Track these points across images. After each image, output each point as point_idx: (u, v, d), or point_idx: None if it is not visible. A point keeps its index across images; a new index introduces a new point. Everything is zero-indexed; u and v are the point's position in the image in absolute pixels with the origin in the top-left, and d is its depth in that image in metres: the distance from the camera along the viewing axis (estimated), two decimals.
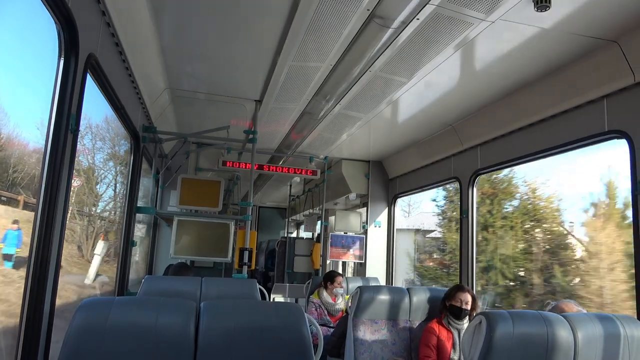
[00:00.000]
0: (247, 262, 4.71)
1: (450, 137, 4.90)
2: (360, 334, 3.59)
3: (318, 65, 3.62)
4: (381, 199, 6.86)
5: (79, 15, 2.25)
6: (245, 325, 1.95)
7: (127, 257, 4.22)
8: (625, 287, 6.36)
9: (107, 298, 1.90)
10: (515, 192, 9.76)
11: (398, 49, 3.24)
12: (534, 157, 3.89)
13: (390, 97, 4.18)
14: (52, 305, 2.27)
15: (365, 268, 6.75)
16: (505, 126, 4.10)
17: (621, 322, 2.12)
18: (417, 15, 2.74)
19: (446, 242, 13.33)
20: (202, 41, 3.50)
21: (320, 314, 5.22)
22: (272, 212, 12.58)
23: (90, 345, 1.73)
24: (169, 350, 1.81)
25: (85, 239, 5.79)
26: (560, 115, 3.55)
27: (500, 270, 9.14)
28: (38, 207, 2.17)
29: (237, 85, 4.37)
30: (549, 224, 8.87)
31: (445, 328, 3.49)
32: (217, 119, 5.17)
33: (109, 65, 2.91)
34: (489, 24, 2.82)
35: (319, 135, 5.63)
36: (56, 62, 2.26)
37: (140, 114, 4.31)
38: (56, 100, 2.22)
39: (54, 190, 2.19)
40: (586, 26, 2.81)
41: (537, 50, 3.15)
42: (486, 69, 3.51)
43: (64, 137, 2.23)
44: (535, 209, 9.12)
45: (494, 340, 1.94)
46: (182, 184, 4.81)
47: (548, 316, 2.06)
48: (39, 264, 2.13)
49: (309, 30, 3.08)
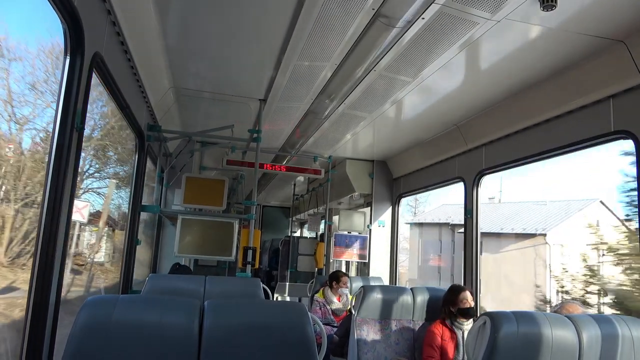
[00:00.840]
0: (250, 261, 4.72)
1: (455, 136, 4.89)
2: (363, 333, 3.59)
3: (323, 65, 3.62)
4: (385, 199, 6.86)
5: (85, 15, 2.26)
6: (249, 324, 1.95)
7: (131, 256, 4.24)
8: None
9: (111, 296, 1.91)
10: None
11: (403, 49, 3.23)
12: (539, 157, 3.87)
13: (394, 97, 4.17)
14: (57, 304, 2.28)
15: (368, 268, 6.74)
16: (511, 126, 4.08)
17: (626, 323, 2.11)
18: (422, 15, 2.73)
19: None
20: (207, 40, 3.51)
21: (324, 313, 5.22)
22: (276, 212, 12.59)
23: (94, 343, 1.74)
24: (173, 348, 1.81)
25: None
26: (565, 115, 3.53)
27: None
28: (44, 204, 2.18)
29: (241, 84, 4.37)
30: None
31: (448, 329, 3.48)
32: (221, 118, 5.18)
33: (114, 64, 2.92)
34: (495, 24, 2.81)
35: (323, 135, 5.63)
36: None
37: (145, 113, 4.33)
38: (62, 99, 2.23)
39: (60, 188, 2.20)
40: (593, 26, 2.79)
41: (543, 50, 3.14)
42: (491, 68, 3.49)
43: (70, 135, 2.24)
44: None
45: (498, 341, 1.93)
46: (186, 183, 4.81)
47: (552, 317, 2.05)
48: (45, 261, 2.14)
49: (313, 30, 3.08)
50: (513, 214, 16.64)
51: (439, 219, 19.82)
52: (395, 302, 3.67)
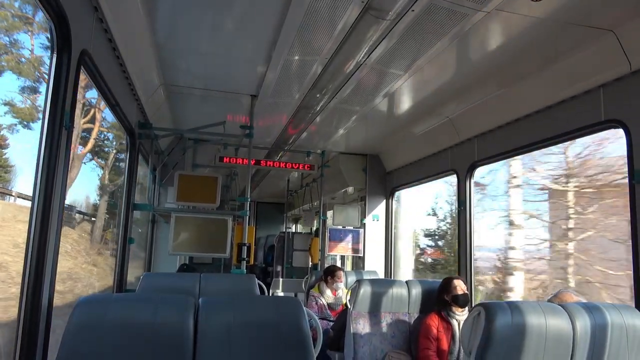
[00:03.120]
0: (245, 258, 4.71)
1: (447, 129, 4.90)
2: (359, 327, 3.60)
3: (313, 59, 3.60)
4: (379, 193, 6.86)
5: (71, 11, 2.23)
6: (244, 320, 1.95)
7: (125, 254, 4.22)
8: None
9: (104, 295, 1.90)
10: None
11: (394, 41, 3.22)
12: (531, 147, 3.89)
13: (386, 90, 4.17)
14: (49, 302, 2.26)
15: (364, 261, 6.76)
16: (502, 117, 4.09)
17: (620, 311, 2.13)
18: (412, 7, 2.73)
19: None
20: (196, 36, 3.48)
21: (320, 307, 5.23)
22: (271, 208, 12.58)
23: (88, 341, 1.73)
24: (168, 346, 1.80)
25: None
26: (556, 106, 3.54)
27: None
28: (34, 203, 2.15)
29: (232, 80, 4.35)
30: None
31: (444, 320, 3.50)
32: (213, 115, 5.15)
33: (103, 61, 2.89)
34: (485, 15, 2.81)
35: (315, 130, 5.62)
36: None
37: (136, 111, 4.29)
38: (49, 97, 2.20)
39: (50, 187, 2.18)
40: (582, 15, 2.80)
41: (533, 40, 3.14)
42: (482, 60, 3.50)
43: (58, 134, 2.21)
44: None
45: (492, 331, 1.94)
46: (179, 180, 4.79)
47: (547, 306, 2.07)
48: (36, 261, 2.12)
49: (303, 23, 3.06)
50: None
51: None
52: (391, 295, 3.68)
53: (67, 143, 2.33)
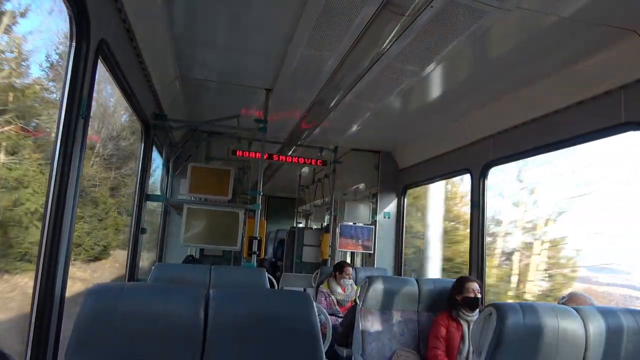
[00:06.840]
0: (256, 251, 4.73)
1: (462, 127, 4.85)
2: (368, 324, 3.60)
3: (330, 54, 3.58)
4: (391, 190, 6.83)
5: (91, 1, 2.24)
6: (254, 312, 1.96)
7: (137, 245, 4.25)
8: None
9: (116, 284, 1.91)
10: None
11: (411, 38, 3.18)
12: (547, 149, 3.83)
13: (402, 87, 4.13)
14: (62, 292, 2.28)
15: (374, 259, 6.75)
16: (519, 117, 4.04)
17: (634, 316, 2.09)
18: (431, 3, 2.69)
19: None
20: (213, 29, 3.48)
21: (329, 303, 5.24)
22: (282, 202, 12.62)
23: (99, 330, 1.74)
24: (178, 336, 1.81)
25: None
26: (575, 107, 3.48)
27: None
28: (49, 193, 2.17)
29: (248, 74, 4.35)
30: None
31: (454, 320, 3.48)
32: (227, 108, 5.16)
33: (120, 51, 2.90)
34: (506, 12, 2.76)
35: (329, 125, 5.60)
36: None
37: (151, 102, 4.32)
38: (67, 86, 2.22)
39: (65, 177, 2.20)
40: (605, 14, 2.74)
41: (554, 39, 3.08)
42: (501, 58, 3.44)
43: (75, 123, 2.23)
44: None
45: (504, 332, 1.92)
46: (192, 172, 4.81)
47: (559, 309, 2.04)
48: (50, 250, 2.14)
49: (321, 18, 3.04)
50: None
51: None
52: (400, 293, 3.66)
53: (84, 132, 2.35)
